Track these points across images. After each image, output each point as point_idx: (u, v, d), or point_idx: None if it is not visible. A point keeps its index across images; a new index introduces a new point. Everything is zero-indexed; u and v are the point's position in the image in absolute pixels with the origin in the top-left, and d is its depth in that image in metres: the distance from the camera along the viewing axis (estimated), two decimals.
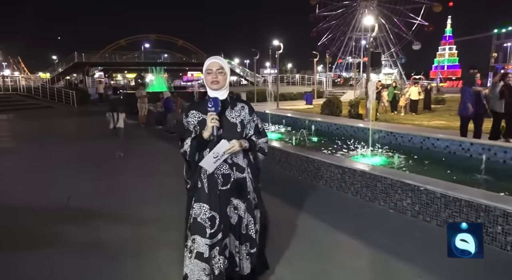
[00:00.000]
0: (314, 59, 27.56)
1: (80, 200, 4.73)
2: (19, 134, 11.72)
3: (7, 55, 55.77)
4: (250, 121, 2.29)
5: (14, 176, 6.26)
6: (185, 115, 2.27)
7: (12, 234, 3.69)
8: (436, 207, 3.75)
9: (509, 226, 3.16)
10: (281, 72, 61.51)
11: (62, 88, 25.11)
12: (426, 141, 7.47)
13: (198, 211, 2.17)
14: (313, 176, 5.44)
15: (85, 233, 3.67)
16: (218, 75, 2.17)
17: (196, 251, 2.14)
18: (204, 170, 2.19)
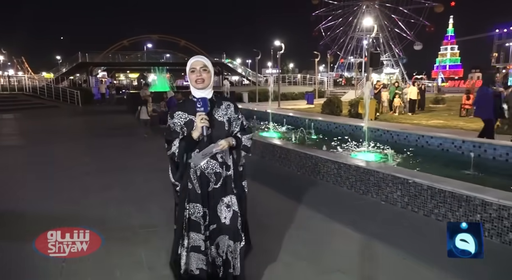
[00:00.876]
0: (315, 59, 27.83)
1: (96, 193, 5.07)
2: (43, 131, 12.19)
3: (11, 55, 56.21)
4: (236, 119, 2.33)
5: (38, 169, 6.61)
6: (170, 116, 2.27)
7: (31, 224, 4.01)
8: (423, 198, 4.06)
9: (486, 214, 3.47)
10: (282, 72, 61.87)
11: (67, 88, 25.50)
12: (420, 139, 7.80)
13: (192, 210, 2.23)
14: (311, 172, 5.76)
15: (100, 221, 3.99)
16: (202, 73, 2.18)
17: (191, 246, 2.24)
18: (193, 171, 2.24)
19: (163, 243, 3.42)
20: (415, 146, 7.84)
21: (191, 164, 2.23)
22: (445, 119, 12.72)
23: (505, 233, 3.34)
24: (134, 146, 9.06)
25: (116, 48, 41.97)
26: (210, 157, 2.20)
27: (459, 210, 3.71)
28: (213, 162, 2.22)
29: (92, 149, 8.71)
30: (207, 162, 2.21)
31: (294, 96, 29.93)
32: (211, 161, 2.22)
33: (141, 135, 10.32)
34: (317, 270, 2.94)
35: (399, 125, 9.66)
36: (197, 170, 2.23)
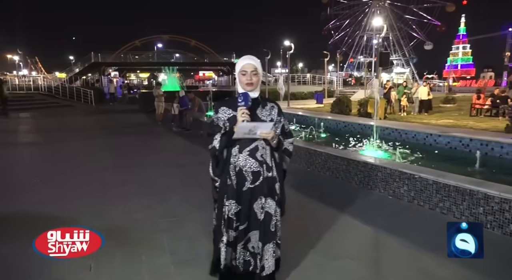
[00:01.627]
0: (325, 59, 27.91)
1: (114, 187, 5.35)
2: (60, 129, 12.63)
3: (25, 56, 57.32)
4: (278, 122, 2.31)
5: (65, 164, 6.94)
6: (215, 111, 2.33)
7: (53, 217, 4.30)
8: (429, 192, 4.25)
9: (488, 207, 3.65)
10: (292, 71, 61.94)
11: (80, 87, 26.06)
12: (428, 137, 7.94)
13: (229, 207, 2.25)
14: (321, 168, 5.97)
15: (122, 212, 4.27)
16: (252, 77, 2.20)
17: (229, 241, 2.29)
18: (232, 167, 2.23)
19: (183, 231, 3.68)
20: (423, 144, 7.99)
21: (231, 159, 2.23)
22: (455, 119, 12.76)
23: (506, 225, 3.52)
24: (149, 143, 9.36)
25: (128, 48, 42.63)
26: (249, 155, 2.21)
27: (462, 204, 3.89)
28: (252, 160, 2.21)
29: (108, 146, 9.03)
30: (246, 159, 2.21)
31: (303, 96, 30.08)
32: (249, 159, 2.21)
33: (153, 133, 10.61)
34: (328, 256, 3.16)
35: (407, 124, 9.79)
36: (236, 166, 2.23)
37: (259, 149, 2.23)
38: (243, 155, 2.21)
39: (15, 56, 52.31)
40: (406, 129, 8.56)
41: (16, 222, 4.06)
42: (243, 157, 2.20)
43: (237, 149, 2.21)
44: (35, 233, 2.28)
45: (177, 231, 3.70)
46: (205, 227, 3.24)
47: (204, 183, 2.83)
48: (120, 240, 3.49)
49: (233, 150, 2.21)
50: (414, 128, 8.53)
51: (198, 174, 5.49)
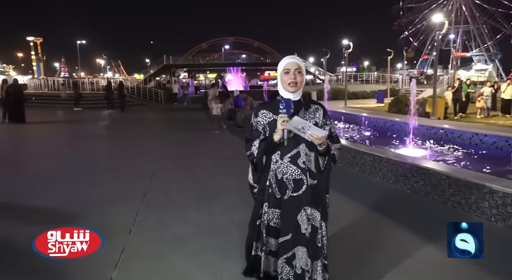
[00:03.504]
0: (388, 57, 27.02)
1: (163, 174, 6.27)
2: (132, 122, 14.48)
3: (110, 59, 63.65)
4: (324, 125, 2.12)
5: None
6: (255, 114, 2.16)
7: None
8: (442, 187, 4.41)
9: (493, 201, 3.76)
10: (358, 70, 60.15)
11: (153, 88, 28.61)
12: (474, 137, 7.72)
13: (271, 216, 2.10)
14: (350, 164, 6.27)
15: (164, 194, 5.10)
16: (296, 75, 2.04)
17: (269, 250, 2.14)
18: (273, 174, 2.10)
19: (210, 209, 4.37)
20: (469, 144, 7.78)
21: (271, 166, 2.10)
22: None
23: (508, 218, 3.61)
24: (200, 138, 10.34)
25: (196, 50, 45.47)
26: (290, 161, 2.06)
27: (471, 198, 4.02)
28: (293, 167, 2.05)
29: (167, 139, 10.19)
30: (287, 166, 2.06)
31: (365, 95, 29.39)
32: (291, 166, 2.05)
33: (205, 130, 11.60)
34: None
35: (460, 124, 9.46)
36: (277, 173, 2.08)
37: (301, 155, 2.05)
38: (284, 161, 2.06)
39: (101, 60, 58.56)
40: (453, 128, 8.38)
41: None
42: (284, 164, 2.06)
43: (278, 156, 2.06)
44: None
45: (205, 209, 4.39)
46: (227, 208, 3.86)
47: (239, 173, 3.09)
48: (156, 210, 4.30)
49: (274, 157, 2.07)
50: (460, 128, 8.30)
51: (235, 166, 6.11)
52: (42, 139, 10.96)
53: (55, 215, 4.16)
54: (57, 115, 18.13)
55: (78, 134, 12.02)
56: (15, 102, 13.49)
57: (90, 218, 4.02)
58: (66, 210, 4.34)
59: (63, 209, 4.37)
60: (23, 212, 4.31)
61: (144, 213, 4.29)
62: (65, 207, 4.43)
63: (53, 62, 76.13)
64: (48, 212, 4.26)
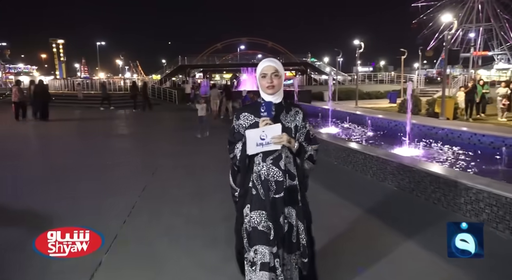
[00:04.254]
0: (402, 57, 26.75)
1: (165, 170, 6.60)
2: (146, 121, 14.94)
3: (128, 60, 65.07)
4: (303, 127, 2.17)
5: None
6: (236, 117, 2.19)
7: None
8: (424, 184, 4.55)
9: (468, 197, 3.89)
10: (376, 70, 59.47)
11: (167, 88, 29.22)
12: (473, 137, 7.75)
13: (258, 219, 2.07)
14: (344, 162, 6.45)
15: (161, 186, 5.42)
16: (273, 79, 2.08)
17: (261, 262, 2.03)
18: (256, 175, 2.10)
19: (203, 204, 4.65)
20: (468, 144, 7.82)
21: (254, 168, 2.11)
22: None
23: (480, 213, 3.75)
24: (209, 137, 10.66)
25: (210, 51, 45.95)
26: (273, 163, 2.08)
27: (449, 194, 4.15)
28: (275, 169, 2.08)
29: (172, 136, 10.57)
30: (269, 168, 2.08)
31: (379, 95, 29.17)
32: (273, 168, 2.08)
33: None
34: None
35: (462, 124, 9.46)
36: (261, 174, 2.09)
37: (283, 158, 2.09)
38: (267, 163, 2.08)
39: (120, 61, 59.96)
40: (452, 128, 8.44)
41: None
42: (267, 166, 2.08)
43: (260, 158, 2.09)
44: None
45: (196, 203, 4.68)
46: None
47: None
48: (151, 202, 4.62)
49: (256, 159, 2.10)
50: (460, 128, 8.33)
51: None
52: (60, 135, 11.79)
53: (57, 204, 4.57)
54: (74, 113, 18.88)
55: (93, 131, 12.56)
56: (42, 101, 14.93)
57: (89, 208, 4.39)
58: (65, 201, 4.76)
59: (65, 199, 4.80)
60: (39, 199, 4.72)
61: (140, 205, 4.62)
62: (66, 198, 4.88)
63: (74, 63, 78.39)
64: (53, 201, 4.68)
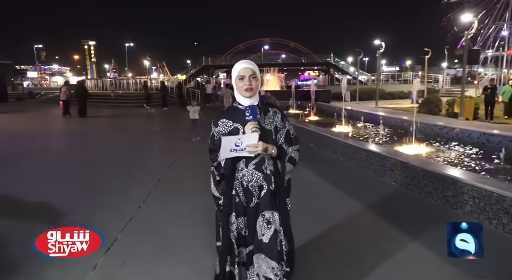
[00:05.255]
0: (426, 56, 26.29)
1: (180, 164, 7.10)
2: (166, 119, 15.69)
3: (155, 60, 66.81)
4: (282, 128, 2.14)
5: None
6: (214, 124, 2.14)
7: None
8: (418, 179, 4.80)
9: (455, 190, 4.13)
10: (402, 69, 58.30)
11: (191, 88, 30.05)
12: (481, 136, 7.81)
13: (242, 225, 2.09)
14: (350, 159, 6.73)
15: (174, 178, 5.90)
16: (252, 81, 2.05)
17: (242, 261, 2.12)
18: (238, 183, 2.07)
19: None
20: (477, 143, 7.89)
21: (236, 175, 2.08)
22: None
23: (464, 205, 3.99)
24: None
25: (234, 51, 46.62)
26: (255, 168, 2.05)
27: (439, 188, 4.40)
28: (258, 174, 2.05)
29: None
30: (252, 174, 2.05)
31: (402, 95, 28.79)
32: (256, 173, 2.05)
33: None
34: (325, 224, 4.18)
35: (464, 122, 9.49)
36: (243, 181, 2.06)
37: (265, 161, 2.07)
38: (249, 169, 2.05)
39: (147, 62, 61.76)
40: (463, 128, 8.50)
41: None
42: (249, 171, 2.05)
43: (243, 163, 2.06)
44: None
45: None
46: None
47: None
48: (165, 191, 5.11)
49: (238, 165, 2.06)
50: (470, 127, 8.40)
51: None
52: (95, 131, 13.12)
53: (85, 188, 5.21)
54: (107, 111, 19.89)
55: (123, 128, 13.53)
56: (82, 99, 16.61)
57: (107, 195, 4.95)
58: (90, 187, 5.42)
59: (90, 185, 5.44)
60: (73, 183, 5.33)
61: (154, 193, 5.12)
62: (91, 184, 5.56)
63: (104, 64, 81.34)
64: (82, 185, 5.31)
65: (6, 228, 3.85)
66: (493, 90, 13.76)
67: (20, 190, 5.26)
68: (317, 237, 3.58)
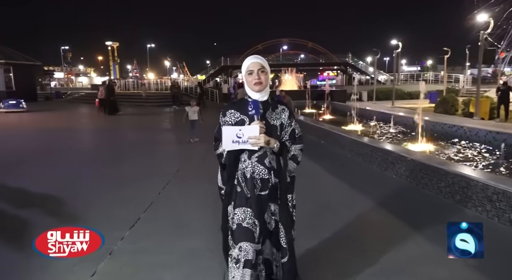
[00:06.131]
0: (445, 56, 26.06)
1: (197, 158, 7.63)
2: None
3: (175, 60, 68.11)
4: (288, 126, 2.17)
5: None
6: (223, 114, 2.19)
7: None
8: (416, 172, 5.13)
9: (447, 181, 4.46)
10: (424, 69, 57.31)
11: (210, 87, 30.79)
12: (488, 134, 8.01)
13: (242, 216, 2.10)
14: (356, 154, 7.08)
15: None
16: (260, 75, 2.08)
17: (245, 260, 2.06)
18: (241, 173, 2.12)
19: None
20: (484, 141, 8.09)
21: (239, 166, 2.13)
22: None
23: (455, 194, 4.32)
24: None
25: (252, 51, 47.10)
26: (258, 161, 2.10)
27: (433, 180, 4.73)
28: (261, 167, 2.10)
29: None
30: (254, 166, 2.10)
31: (419, 95, 28.64)
32: (258, 165, 2.10)
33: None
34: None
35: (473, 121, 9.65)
36: (246, 172, 2.11)
37: (268, 155, 2.12)
38: (252, 161, 2.11)
39: (167, 62, 63.13)
40: (470, 126, 8.73)
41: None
42: (252, 164, 2.10)
43: (246, 155, 2.12)
44: None
45: None
46: None
47: None
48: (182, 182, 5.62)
49: (242, 156, 2.12)
50: (477, 126, 8.59)
51: None
52: (126, 127, 14.17)
53: (114, 175, 5.83)
54: (138, 110, 21.12)
55: (148, 125, 14.41)
56: (111, 99, 17.72)
57: (132, 181, 5.53)
58: (119, 175, 6.08)
59: (118, 174, 6.09)
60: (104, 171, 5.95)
61: (172, 182, 5.65)
62: (119, 173, 6.23)
63: (126, 64, 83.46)
64: (109, 175, 5.96)
65: (58, 204, 4.47)
66: (506, 91, 13.59)
67: (60, 176, 5.99)
68: (318, 221, 4.01)
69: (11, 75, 26.28)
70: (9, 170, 6.46)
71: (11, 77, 26.31)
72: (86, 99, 27.69)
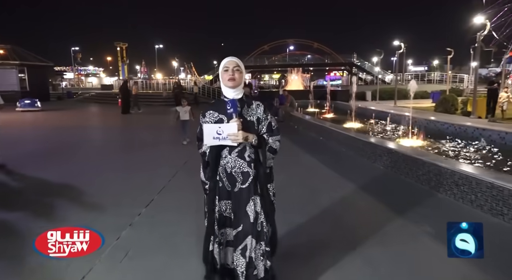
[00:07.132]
0: (448, 56, 26.43)
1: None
2: None
3: (183, 61, 68.93)
4: (264, 119, 2.31)
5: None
6: (203, 115, 2.32)
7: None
8: (399, 163, 5.70)
9: (424, 170, 5.03)
10: (431, 69, 57.38)
11: (216, 87, 31.49)
12: (475, 131, 8.52)
13: (224, 207, 2.29)
14: (350, 148, 7.65)
15: None
16: (235, 72, 2.22)
17: (227, 240, 2.32)
18: (222, 169, 2.25)
19: None
20: (471, 137, 8.61)
21: (221, 162, 2.27)
22: None
23: (430, 181, 4.89)
24: None
25: (258, 52, 47.76)
26: (238, 156, 2.24)
27: (413, 169, 5.30)
28: (241, 161, 2.24)
29: None
30: (235, 161, 2.24)
31: (424, 95, 28.89)
32: (239, 160, 2.24)
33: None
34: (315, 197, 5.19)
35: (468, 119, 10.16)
36: (227, 168, 2.25)
37: (247, 149, 2.27)
38: (232, 156, 2.24)
39: (175, 62, 64.06)
40: (460, 123, 9.32)
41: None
42: (233, 159, 2.24)
43: (227, 151, 2.25)
44: None
45: None
46: None
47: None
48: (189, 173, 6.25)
49: (223, 152, 2.26)
50: (465, 123, 9.13)
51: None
52: (141, 124, 14.80)
53: (127, 166, 6.51)
54: (157, 109, 21.57)
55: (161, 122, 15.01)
56: (126, 98, 18.67)
57: (145, 171, 6.20)
58: (129, 165, 6.80)
59: (130, 165, 6.77)
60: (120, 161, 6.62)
61: (180, 173, 6.29)
62: (130, 162, 6.96)
63: (135, 65, 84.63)
64: (122, 162, 6.57)
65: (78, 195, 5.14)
66: (493, 91, 13.79)
67: (80, 170, 6.66)
68: (310, 204, 4.61)
69: (25, 75, 27.24)
70: (41, 162, 7.25)
71: (25, 78, 27.28)
72: (97, 99, 28.59)
